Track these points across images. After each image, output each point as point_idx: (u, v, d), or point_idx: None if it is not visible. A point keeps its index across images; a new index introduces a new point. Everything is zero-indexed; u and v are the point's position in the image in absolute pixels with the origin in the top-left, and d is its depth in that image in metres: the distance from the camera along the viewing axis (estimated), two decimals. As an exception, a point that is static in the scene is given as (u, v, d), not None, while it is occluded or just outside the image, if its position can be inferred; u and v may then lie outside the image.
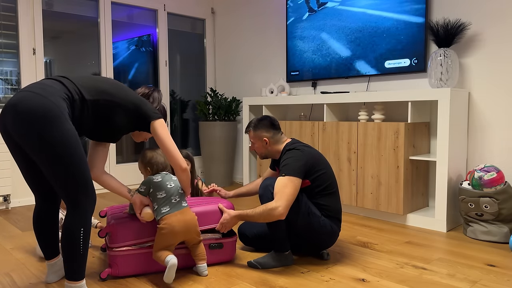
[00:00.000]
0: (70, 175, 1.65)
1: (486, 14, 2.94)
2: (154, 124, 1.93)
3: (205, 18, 5.16)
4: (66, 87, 1.73)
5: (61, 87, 1.71)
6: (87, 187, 1.71)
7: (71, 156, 1.64)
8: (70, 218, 1.70)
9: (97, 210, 3.55)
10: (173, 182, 2.08)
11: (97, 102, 1.81)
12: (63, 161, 1.63)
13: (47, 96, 1.63)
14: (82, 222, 1.71)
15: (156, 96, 2.17)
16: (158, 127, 1.93)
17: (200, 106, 4.75)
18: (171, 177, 2.09)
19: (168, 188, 2.04)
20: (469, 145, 3.08)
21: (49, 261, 2.02)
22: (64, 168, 1.64)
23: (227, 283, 2.02)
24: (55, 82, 1.73)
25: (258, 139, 2.35)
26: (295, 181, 2.09)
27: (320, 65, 3.87)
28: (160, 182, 2.04)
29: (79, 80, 1.81)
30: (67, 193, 1.68)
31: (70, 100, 1.72)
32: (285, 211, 2.04)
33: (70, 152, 1.64)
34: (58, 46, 4.11)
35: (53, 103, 1.62)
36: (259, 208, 2.09)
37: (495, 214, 2.62)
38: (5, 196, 3.61)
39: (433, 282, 2.02)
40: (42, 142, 1.60)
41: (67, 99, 1.70)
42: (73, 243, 1.70)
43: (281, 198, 2.04)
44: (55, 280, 2.05)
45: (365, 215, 3.32)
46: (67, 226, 1.70)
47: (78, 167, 1.67)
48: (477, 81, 3.01)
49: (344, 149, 3.33)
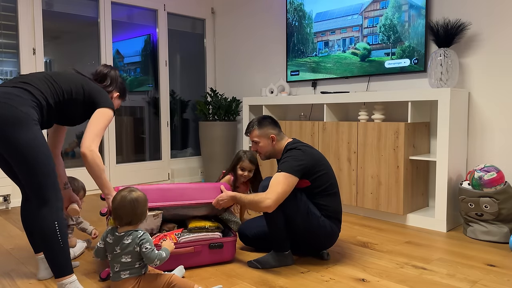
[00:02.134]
0: (37, 175, 1.76)
1: (486, 14, 2.94)
2: (97, 110, 2.01)
3: (205, 18, 5.16)
4: (33, 95, 1.84)
5: (28, 95, 1.82)
6: (54, 185, 1.81)
7: (37, 157, 1.76)
8: (42, 216, 1.77)
9: (97, 209, 3.55)
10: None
11: (60, 103, 1.96)
12: (31, 163, 1.75)
13: (16, 106, 1.76)
14: (54, 216, 1.78)
15: (113, 74, 2.24)
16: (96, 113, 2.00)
17: (200, 106, 4.75)
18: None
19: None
20: (469, 145, 3.08)
21: (38, 255, 2.10)
22: (32, 169, 1.75)
23: (227, 283, 2.02)
24: (21, 91, 1.82)
25: (264, 137, 2.34)
26: (290, 178, 2.10)
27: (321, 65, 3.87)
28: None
29: (42, 85, 1.91)
30: (36, 192, 1.77)
31: (39, 107, 1.85)
32: (272, 205, 2.06)
33: (36, 154, 1.76)
34: (58, 46, 4.10)
35: (22, 112, 1.76)
36: (251, 196, 2.14)
37: (495, 214, 2.62)
38: (5, 196, 3.62)
39: (433, 282, 2.02)
40: (10, 145, 1.73)
41: (36, 107, 1.84)
42: (52, 239, 1.76)
43: (272, 192, 2.07)
44: (47, 277, 2.09)
45: (365, 215, 3.32)
46: (41, 225, 1.76)
47: (45, 167, 1.78)
48: (477, 81, 3.01)
49: (344, 149, 3.33)
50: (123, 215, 1.77)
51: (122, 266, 1.75)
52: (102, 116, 1.99)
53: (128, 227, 1.78)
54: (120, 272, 1.75)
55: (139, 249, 1.74)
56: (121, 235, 1.76)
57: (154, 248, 1.76)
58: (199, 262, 2.20)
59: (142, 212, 1.80)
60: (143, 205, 1.81)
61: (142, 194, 1.83)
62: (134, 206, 1.77)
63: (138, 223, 1.80)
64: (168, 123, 4.86)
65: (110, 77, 2.23)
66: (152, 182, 4.74)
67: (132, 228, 1.78)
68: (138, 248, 1.74)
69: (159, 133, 4.84)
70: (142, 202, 1.80)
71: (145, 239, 1.75)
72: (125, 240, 1.74)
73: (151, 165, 4.74)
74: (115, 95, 2.26)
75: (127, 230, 1.77)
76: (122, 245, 1.74)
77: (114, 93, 2.25)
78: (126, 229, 1.78)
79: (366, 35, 3.54)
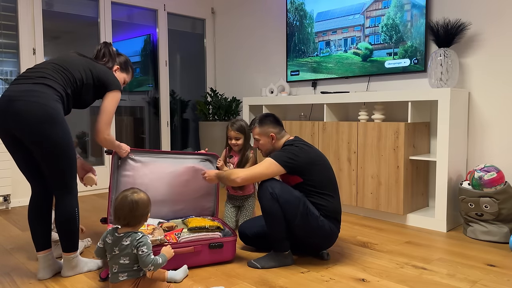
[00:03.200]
0: (68, 167, 1.99)
1: (486, 14, 2.94)
2: (107, 94, 2.18)
3: (205, 18, 5.16)
4: (54, 89, 1.96)
5: (51, 90, 1.95)
6: (76, 174, 2.08)
7: (70, 151, 1.98)
8: (67, 202, 2.01)
9: (98, 211, 3.55)
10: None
11: (75, 91, 2.10)
12: (63, 157, 1.96)
13: (45, 103, 1.90)
14: (76, 203, 2.05)
15: (107, 50, 2.33)
16: (106, 98, 2.17)
17: (200, 106, 4.75)
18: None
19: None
20: (469, 145, 3.08)
21: (40, 253, 2.08)
22: (63, 162, 1.96)
23: (227, 283, 2.02)
24: (44, 87, 1.94)
25: (264, 135, 2.37)
26: (274, 166, 2.16)
27: (322, 65, 3.87)
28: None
29: (59, 76, 2.02)
30: (65, 182, 1.99)
31: (61, 99, 1.99)
32: (240, 182, 2.18)
33: (68, 148, 1.97)
34: (58, 46, 4.11)
35: (52, 108, 1.91)
36: (228, 172, 2.27)
37: (495, 214, 2.62)
38: (5, 196, 3.61)
39: (433, 282, 2.02)
40: (47, 142, 1.90)
41: (60, 99, 1.98)
42: (73, 223, 2.03)
43: (247, 171, 2.19)
44: (48, 277, 2.08)
45: (365, 215, 3.32)
46: (66, 210, 2.00)
47: (73, 159, 2.01)
48: (477, 81, 3.01)
49: (344, 149, 3.33)
50: (121, 215, 1.76)
51: (120, 268, 1.74)
52: (112, 101, 2.17)
53: (127, 228, 1.77)
54: (118, 274, 1.74)
55: (136, 252, 1.73)
56: (120, 236, 1.75)
57: (151, 253, 1.74)
58: (199, 262, 2.20)
59: (141, 214, 1.78)
60: (143, 207, 1.78)
61: (144, 196, 1.81)
62: (133, 207, 1.76)
63: (136, 225, 1.79)
64: (168, 123, 4.86)
65: (106, 53, 2.32)
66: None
67: (131, 229, 1.77)
68: (135, 251, 1.73)
69: (159, 133, 4.84)
70: (142, 204, 1.78)
71: (143, 242, 1.73)
72: (124, 242, 1.73)
73: (151, 165, 4.73)
74: (115, 68, 2.36)
75: (127, 231, 1.76)
76: (120, 246, 1.73)
77: (115, 66, 2.36)
78: (126, 230, 1.77)
79: (368, 35, 3.54)
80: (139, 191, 1.82)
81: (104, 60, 2.31)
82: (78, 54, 2.20)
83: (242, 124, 2.89)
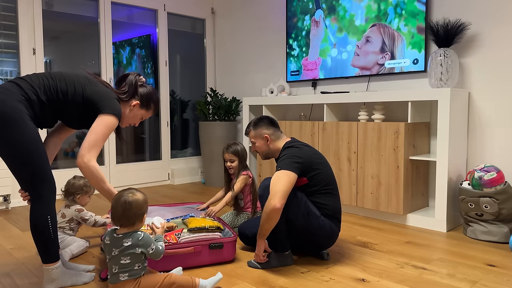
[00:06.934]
0: (31, 172, 1.81)
1: (486, 14, 2.94)
2: (98, 116, 1.92)
3: (205, 18, 5.17)
4: (22, 88, 1.83)
5: (17, 89, 1.82)
6: (49, 180, 1.86)
7: (31, 153, 1.79)
8: (36, 210, 1.85)
9: (98, 211, 3.56)
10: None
11: (53, 101, 1.90)
12: (24, 159, 1.79)
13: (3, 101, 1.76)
14: (47, 211, 1.86)
15: (130, 79, 2.09)
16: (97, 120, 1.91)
17: (200, 106, 4.75)
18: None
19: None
20: (469, 145, 3.08)
21: (45, 265, 1.92)
22: (25, 165, 1.80)
23: (227, 283, 2.02)
24: (12, 85, 1.83)
25: (259, 137, 2.37)
26: (290, 175, 2.10)
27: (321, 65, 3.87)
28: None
29: (36, 80, 1.89)
30: (30, 188, 1.84)
31: (27, 101, 1.83)
32: (280, 204, 2.02)
33: (28, 152, 1.79)
34: (58, 46, 4.11)
35: (10, 108, 1.76)
36: (261, 216, 2.10)
37: (495, 214, 2.62)
38: (5, 196, 3.62)
39: (433, 282, 2.02)
40: (2, 141, 1.77)
41: (24, 101, 1.82)
42: (44, 231, 1.86)
43: (274, 194, 2.04)
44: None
45: (365, 215, 3.32)
46: (33, 218, 1.85)
47: (38, 163, 1.81)
48: (477, 81, 3.01)
49: (344, 149, 3.33)
50: (115, 216, 1.75)
51: (121, 268, 1.73)
52: (102, 123, 1.89)
53: (124, 229, 1.76)
54: (119, 274, 1.73)
55: (146, 253, 1.73)
56: (119, 237, 1.73)
57: (157, 244, 1.77)
58: (199, 262, 2.20)
59: (134, 215, 1.73)
60: (136, 208, 1.74)
61: (140, 198, 1.77)
62: (125, 208, 1.72)
63: (131, 226, 1.75)
64: (168, 123, 4.86)
65: (127, 82, 2.08)
66: (152, 182, 4.74)
67: (128, 230, 1.75)
68: (139, 250, 1.72)
69: (159, 133, 4.84)
70: (136, 206, 1.74)
71: (147, 242, 1.73)
72: (125, 243, 1.72)
73: (151, 165, 4.74)
74: (134, 103, 2.09)
75: (126, 232, 1.75)
76: (121, 247, 1.72)
77: (133, 101, 2.09)
78: (124, 231, 1.75)
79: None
80: (136, 192, 1.79)
81: (122, 89, 2.08)
82: (88, 73, 2.03)
83: (237, 148, 2.90)
